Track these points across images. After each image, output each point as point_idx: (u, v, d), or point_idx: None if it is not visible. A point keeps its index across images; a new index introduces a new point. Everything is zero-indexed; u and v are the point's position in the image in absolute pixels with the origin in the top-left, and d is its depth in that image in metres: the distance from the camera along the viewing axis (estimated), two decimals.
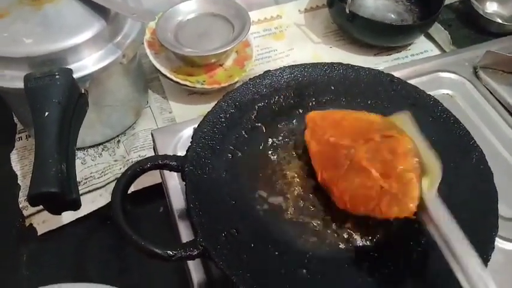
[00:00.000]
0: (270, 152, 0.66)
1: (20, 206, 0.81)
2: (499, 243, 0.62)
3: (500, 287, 0.58)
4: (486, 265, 0.52)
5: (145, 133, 0.90)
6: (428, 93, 0.70)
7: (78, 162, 0.86)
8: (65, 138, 0.66)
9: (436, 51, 1.06)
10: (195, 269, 0.60)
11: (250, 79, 0.69)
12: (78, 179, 0.83)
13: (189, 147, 0.60)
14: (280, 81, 0.70)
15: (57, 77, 0.67)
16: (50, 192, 0.59)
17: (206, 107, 0.93)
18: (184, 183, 0.57)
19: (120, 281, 0.72)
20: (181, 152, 0.72)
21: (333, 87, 0.70)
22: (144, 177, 0.80)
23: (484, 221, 0.56)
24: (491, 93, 0.84)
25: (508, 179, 0.71)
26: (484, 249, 0.53)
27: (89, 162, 0.87)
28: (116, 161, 0.87)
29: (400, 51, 1.06)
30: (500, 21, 1.07)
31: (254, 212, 0.60)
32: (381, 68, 0.75)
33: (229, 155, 0.64)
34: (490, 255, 0.53)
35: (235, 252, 0.53)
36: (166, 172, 0.69)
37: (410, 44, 1.07)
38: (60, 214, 0.67)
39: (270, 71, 0.70)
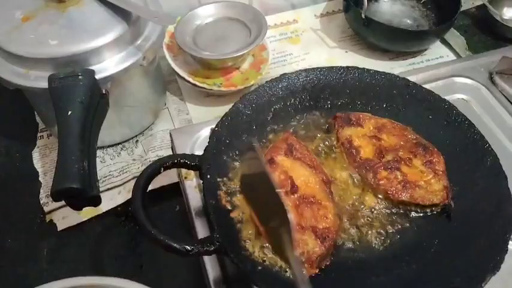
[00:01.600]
0: None
1: (41, 202, 0.83)
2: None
3: None
4: (499, 267, 0.52)
5: (162, 134, 0.92)
6: (443, 97, 0.70)
7: (97, 161, 0.87)
8: (87, 136, 0.68)
9: (452, 57, 1.06)
10: (211, 266, 0.61)
11: (266, 82, 0.70)
12: (98, 177, 0.86)
13: (206, 147, 0.61)
14: (296, 84, 0.71)
15: (80, 77, 0.69)
16: (73, 188, 0.61)
17: (222, 109, 0.95)
18: (202, 181, 0.58)
19: (136, 276, 0.73)
20: (199, 152, 0.73)
21: (348, 91, 0.71)
22: (161, 177, 0.83)
23: (497, 225, 0.56)
24: (507, 98, 0.83)
25: None
26: (497, 252, 0.53)
27: (108, 161, 0.89)
28: (134, 160, 0.89)
29: (416, 56, 1.06)
30: None
31: None
32: (396, 72, 0.76)
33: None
34: (503, 258, 0.53)
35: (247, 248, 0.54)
36: (183, 170, 0.71)
37: (425, 50, 1.07)
38: (81, 210, 0.69)
39: (286, 74, 0.71)
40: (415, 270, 0.55)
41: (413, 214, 0.60)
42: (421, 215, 0.60)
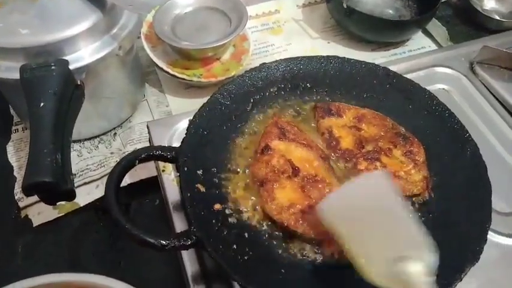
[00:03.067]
0: None
1: (16, 197, 0.81)
2: (493, 237, 0.63)
3: (495, 281, 0.61)
4: (478, 257, 0.52)
5: (141, 126, 0.90)
6: (423, 87, 0.70)
7: (74, 154, 0.86)
8: (61, 129, 0.66)
9: (434, 47, 1.05)
10: (189, 260, 0.60)
11: (246, 72, 0.69)
12: (74, 171, 0.84)
13: (183, 139, 0.60)
14: (276, 73, 0.70)
15: (53, 67, 0.67)
16: (45, 181, 0.59)
17: (203, 101, 0.93)
18: (179, 174, 0.57)
19: (114, 273, 0.72)
20: (177, 144, 0.72)
21: (328, 80, 0.71)
22: (140, 170, 0.82)
23: (478, 214, 0.56)
24: (487, 88, 0.84)
25: (502, 173, 0.71)
26: (477, 243, 0.53)
27: (85, 155, 0.87)
28: (112, 153, 0.87)
29: (398, 46, 1.06)
30: (498, 18, 1.07)
31: None
32: (378, 63, 0.75)
33: (224, 146, 0.63)
34: (483, 249, 0.53)
35: (228, 242, 0.53)
36: (161, 163, 0.69)
37: (408, 40, 1.07)
38: (55, 204, 0.67)
39: (265, 63, 0.70)
40: None
41: None
42: None
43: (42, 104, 0.64)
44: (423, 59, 0.87)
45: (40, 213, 0.79)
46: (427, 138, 0.65)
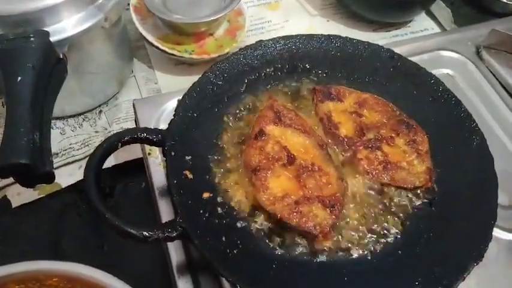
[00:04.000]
0: None
1: None
2: (496, 233, 0.60)
3: (495, 277, 0.58)
4: (483, 255, 0.49)
5: (128, 104, 0.86)
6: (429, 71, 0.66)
7: (57, 132, 0.82)
8: (39, 106, 0.62)
9: (437, 30, 1.02)
10: (174, 250, 0.57)
11: (240, 49, 0.64)
12: (56, 150, 0.80)
13: (171, 121, 0.56)
14: (273, 52, 0.65)
15: (32, 39, 0.63)
16: (20, 163, 0.55)
17: (194, 79, 0.89)
18: (165, 159, 0.53)
19: (97, 259, 0.69)
20: (164, 126, 0.68)
21: (329, 62, 0.66)
22: (124, 152, 0.78)
23: (482, 210, 0.53)
24: (493, 75, 0.80)
25: (505, 165, 0.67)
26: (481, 240, 0.50)
27: (69, 133, 0.82)
28: (97, 132, 0.83)
29: (400, 27, 1.02)
30: (505, 0, 1.03)
31: None
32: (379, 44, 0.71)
33: (216, 130, 0.59)
34: (487, 247, 0.50)
35: (217, 234, 0.50)
36: (147, 146, 0.65)
37: (410, 21, 1.03)
38: (33, 187, 0.63)
39: (262, 41, 0.65)
40: (394, 259, 0.51)
41: (393, 198, 0.56)
42: (401, 198, 0.56)
43: (19, 79, 0.60)
44: (427, 41, 0.83)
45: (20, 193, 0.76)
46: (431, 126, 0.61)
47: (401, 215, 0.54)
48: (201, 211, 0.51)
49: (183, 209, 0.49)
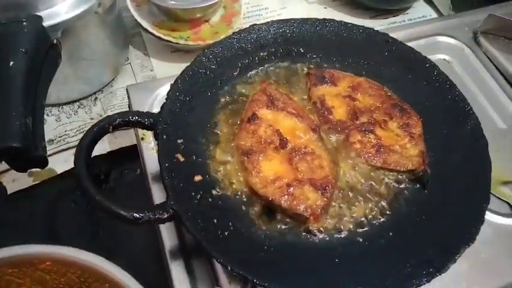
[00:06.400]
0: None
1: None
2: (488, 216, 0.59)
3: (487, 261, 0.58)
4: (474, 238, 0.49)
5: (124, 91, 0.85)
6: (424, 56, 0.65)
7: (52, 119, 0.82)
8: (32, 91, 0.61)
9: (435, 16, 1.00)
10: (167, 234, 0.57)
11: (234, 33, 0.64)
12: (51, 137, 0.80)
13: (163, 104, 0.55)
14: (267, 36, 0.65)
15: (24, 23, 0.62)
16: (12, 147, 0.54)
17: None
18: (157, 142, 0.53)
19: (92, 244, 0.69)
20: (158, 111, 0.68)
21: (323, 46, 0.66)
22: (120, 138, 0.78)
23: (475, 193, 0.53)
24: (490, 60, 0.79)
25: (500, 148, 0.67)
26: (473, 223, 0.50)
27: (64, 120, 0.82)
28: (92, 119, 0.82)
29: (398, 15, 1.01)
30: None
31: None
32: None
33: (208, 114, 0.59)
34: (479, 229, 0.50)
35: (208, 216, 0.49)
36: (140, 131, 0.65)
37: (408, 8, 1.02)
38: (25, 171, 0.63)
39: (256, 24, 0.65)
40: (386, 241, 0.51)
41: (386, 180, 0.56)
42: (395, 182, 0.56)
43: (11, 63, 0.60)
44: (424, 27, 0.83)
45: (15, 180, 0.76)
46: (425, 110, 0.61)
47: (393, 197, 0.54)
48: (193, 193, 0.51)
49: (174, 192, 0.49)
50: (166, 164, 0.51)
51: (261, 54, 0.65)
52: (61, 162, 0.77)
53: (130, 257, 0.70)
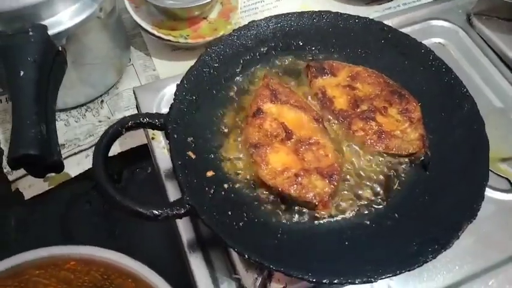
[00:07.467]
0: None
1: (5, 171, 0.79)
2: (487, 192, 0.62)
3: (490, 235, 0.61)
4: (476, 214, 0.51)
5: (129, 92, 0.87)
6: (419, 41, 0.67)
7: (61, 124, 0.84)
8: (44, 98, 0.63)
9: (429, 1, 1.02)
10: (184, 228, 0.60)
11: (234, 30, 0.66)
12: (62, 142, 0.82)
13: (171, 105, 0.57)
14: (266, 32, 0.67)
15: (30, 33, 0.64)
16: (29, 154, 0.57)
17: (191, 64, 0.90)
18: (168, 141, 0.55)
19: (110, 244, 0.71)
20: (165, 110, 0.69)
21: (321, 38, 0.68)
22: (129, 138, 0.80)
23: (475, 171, 0.55)
24: (484, 41, 0.81)
25: (498, 127, 0.69)
26: (474, 200, 0.52)
27: (73, 124, 0.84)
28: (100, 121, 0.85)
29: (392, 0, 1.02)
30: None
31: None
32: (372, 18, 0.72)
33: (215, 111, 0.61)
34: (480, 206, 0.52)
35: (223, 209, 0.52)
36: (150, 131, 0.67)
37: None
38: (43, 177, 0.65)
39: (254, 21, 0.67)
40: (392, 222, 0.54)
41: (389, 165, 0.58)
42: (397, 165, 0.58)
43: (21, 73, 0.62)
44: (418, 12, 0.84)
45: (31, 185, 0.78)
46: (423, 95, 0.63)
47: (397, 180, 0.57)
48: (206, 188, 0.53)
49: (189, 188, 0.51)
50: (179, 162, 0.53)
51: (262, 49, 0.66)
52: (74, 166, 0.79)
53: (147, 253, 0.72)
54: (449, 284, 0.58)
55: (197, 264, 0.57)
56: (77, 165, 0.80)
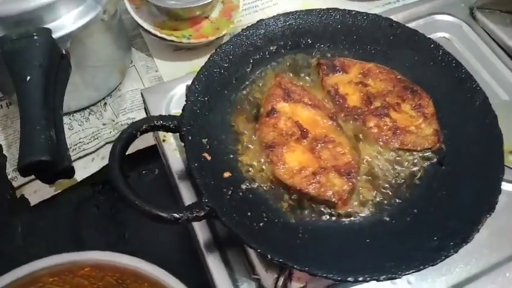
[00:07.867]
0: None
1: (9, 177, 0.78)
2: (503, 186, 0.62)
3: (504, 228, 0.61)
4: (494, 207, 0.51)
5: (132, 94, 0.87)
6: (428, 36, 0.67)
7: (65, 128, 0.81)
8: (51, 103, 0.62)
9: None
10: (200, 229, 0.59)
11: (242, 30, 0.65)
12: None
13: (184, 106, 0.57)
14: (275, 30, 0.66)
15: (35, 37, 0.63)
16: (41, 160, 0.56)
17: (193, 64, 0.90)
18: (183, 144, 0.54)
19: (120, 247, 0.71)
20: (175, 111, 0.69)
21: (330, 35, 0.67)
22: (137, 140, 0.78)
23: (489, 165, 0.56)
24: (488, 34, 0.81)
25: (507, 121, 0.70)
26: (491, 194, 0.53)
27: (76, 128, 0.83)
28: (104, 124, 0.84)
29: None
30: None
31: None
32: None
33: (228, 112, 0.61)
34: (497, 199, 0.52)
35: (242, 210, 0.52)
36: (160, 133, 0.67)
37: None
38: (53, 183, 0.65)
39: (263, 20, 0.66)
40: (411, 218, 0.54)
41: (405, 160, 0.58)
42: (413, 161, 0.58)
43: (28, 78, 0.61)
44: (422, 6, 0.84)
45: (36, 191, 0.77)
46: (434, 90, 0.63)
47: (413, 176, 0.57)
48: (224, 190, 0.53)
49: (207, 190, 0.51)
50: (196, 164, 0.52)
51: (271, 48, 0.66)
52: (80, 169, 0.78)
53: (159, 256, 0.71)
54: (467, 277, 0.58)
55: (215, 265, 0.57)
56: (83, 169, 0.79)
